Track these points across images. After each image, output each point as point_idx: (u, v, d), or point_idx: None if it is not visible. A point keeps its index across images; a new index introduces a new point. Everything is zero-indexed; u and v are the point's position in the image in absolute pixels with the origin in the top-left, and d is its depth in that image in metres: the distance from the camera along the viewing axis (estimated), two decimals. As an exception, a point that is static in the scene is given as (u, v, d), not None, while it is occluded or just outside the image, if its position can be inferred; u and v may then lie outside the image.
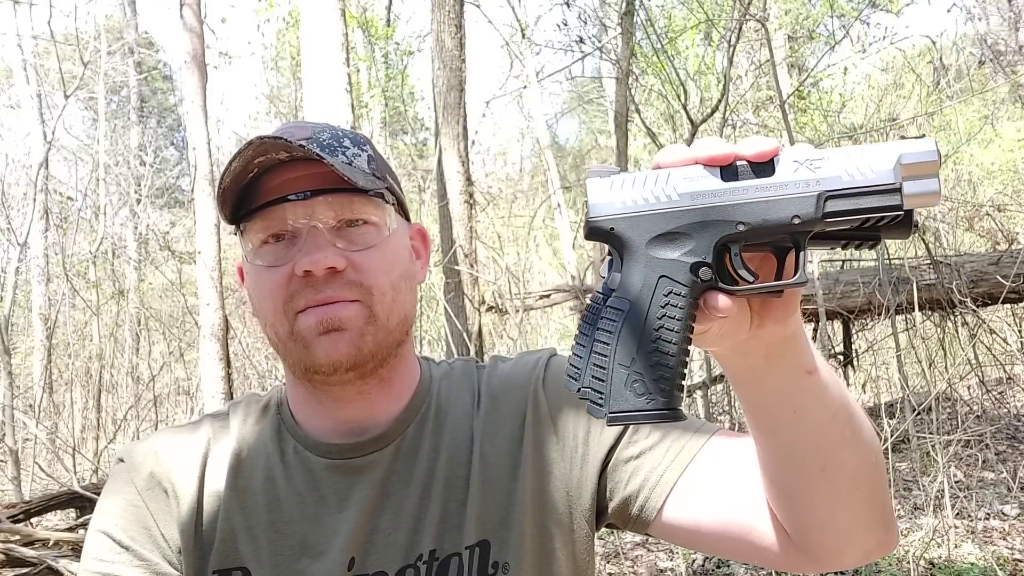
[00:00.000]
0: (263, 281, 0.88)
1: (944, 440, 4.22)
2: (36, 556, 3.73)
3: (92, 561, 0.88)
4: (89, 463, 6.43)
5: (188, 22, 5.21)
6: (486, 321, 6.08)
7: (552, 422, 0.94)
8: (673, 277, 0.56)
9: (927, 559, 3.71)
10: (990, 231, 6.87)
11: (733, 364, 0.70)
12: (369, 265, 0.86)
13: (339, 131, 0.91)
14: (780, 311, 0.64)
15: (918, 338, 5.96)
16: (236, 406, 0.99)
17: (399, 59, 11.41)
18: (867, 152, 0.56)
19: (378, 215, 0.89)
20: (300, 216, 0.85)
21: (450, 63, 5.47)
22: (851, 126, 8.27)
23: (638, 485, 0.89)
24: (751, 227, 0.56)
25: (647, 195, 0.57)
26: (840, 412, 0.72)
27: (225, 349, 5.01)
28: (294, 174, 0.86)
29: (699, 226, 0.56)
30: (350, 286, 0.85)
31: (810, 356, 0.69)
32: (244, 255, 0.91)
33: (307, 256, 0.83)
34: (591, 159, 16.79)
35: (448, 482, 0.91)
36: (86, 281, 9.79)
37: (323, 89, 4.14)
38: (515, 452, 0.93)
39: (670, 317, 0.56)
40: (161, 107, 20.70)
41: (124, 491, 0.90)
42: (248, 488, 0.91)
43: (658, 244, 0.57)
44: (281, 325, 0.87)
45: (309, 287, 0.84)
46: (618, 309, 0.57)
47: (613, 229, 0.58)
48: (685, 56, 9.19)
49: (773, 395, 0.71)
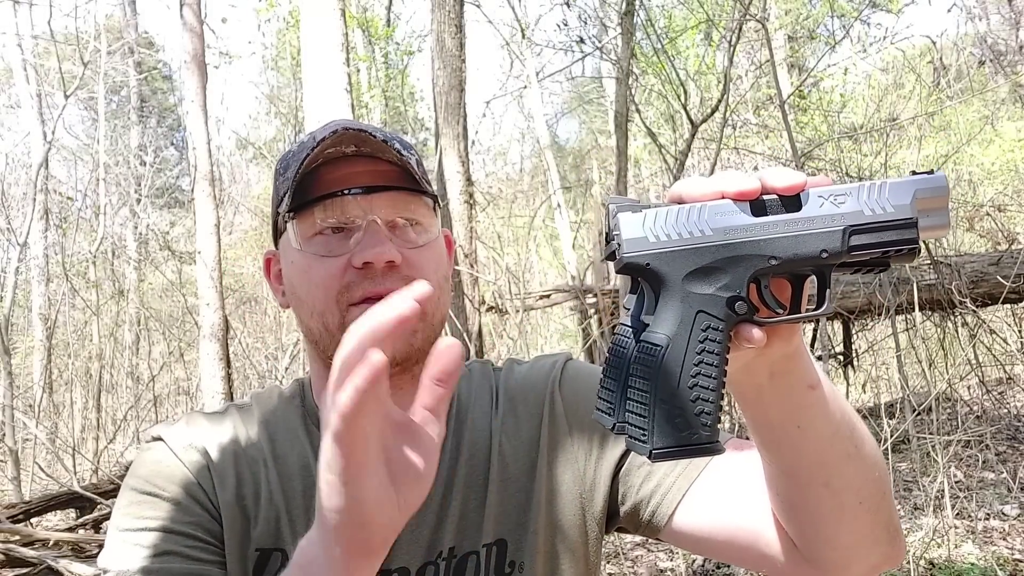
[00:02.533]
0: (315, 270, 0.88)
1: (944, 440, 4.22)
2: (36, 556, 3.73)
3: (128, 518, 0.84)
4: (89, 463, 6.43)
5: (188, 22, 5.21)
6: (486, 321, 6.08)
7: (568, 424, 0.95)
8: (710, 312, 0.58)
9: (927, 559, 3.71)
10: (990, 231, 6.87)
11: (739, 383, 0.70)
12: (421, 263, 0.88)
13: (389, 132, 0.92)
14: (787, 330, 0.64)
15: (918, 338, 5.96)
16: (259, 397, 0.99)
17: (399, 59, 11.41)
18: (885, 188, 0.59)
19: (429, 216, 0.91)
20: (362, 210, 0.87)
21: (450, 63, 5.47)
22: (851, 126, 8.27)
23: (650, 491, 0.90)
24: (783, 261, 0.58)
25: (680, 230, 0.59)
26: (843, 427, 0.72)
27: (225, 349, 5.02)
28: (356, 168, 0.88)
29: (732, 260, 0.58)
30: (405, 281, 0.85)
31: (812, 370, 0.70)
32: (290, 242, 0.90)
33: (370, 249, 0.85)
34: (591, 159, 16.78)
35: (468, 481, 0.92)
36: (86, 281, 9.79)
37: (323, 89, 4.14)
38: (532, 453, 0.94)
39: (709, 352, 0.57)
40: (161, 107, 20.70)
41: (163, 460, 0.90)
42: (287, 473, 0.91)
43: (694, 279, 0.58)
44: (332, 315, 0.87)
45: (367, 279, 0.86)
46: (656, 344, 0.58)
47: (649, 265, 0.59)
48: (685, 56, 9.20)
49: (777, 412, 0.71)
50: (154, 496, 0.86)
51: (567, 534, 0.93)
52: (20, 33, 11.47)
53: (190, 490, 0.87)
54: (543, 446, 0.94)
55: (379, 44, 10.92)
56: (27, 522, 4.36)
